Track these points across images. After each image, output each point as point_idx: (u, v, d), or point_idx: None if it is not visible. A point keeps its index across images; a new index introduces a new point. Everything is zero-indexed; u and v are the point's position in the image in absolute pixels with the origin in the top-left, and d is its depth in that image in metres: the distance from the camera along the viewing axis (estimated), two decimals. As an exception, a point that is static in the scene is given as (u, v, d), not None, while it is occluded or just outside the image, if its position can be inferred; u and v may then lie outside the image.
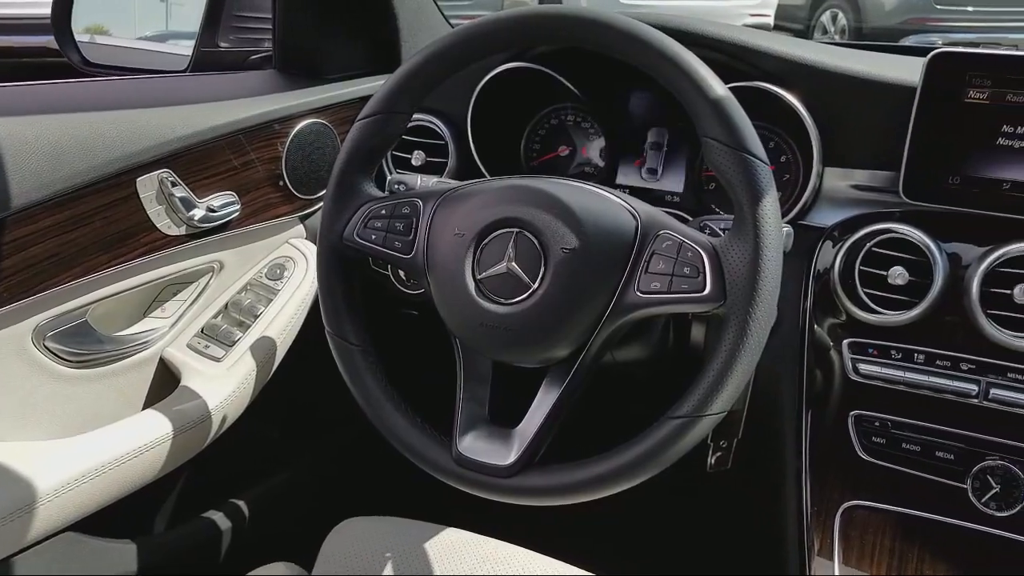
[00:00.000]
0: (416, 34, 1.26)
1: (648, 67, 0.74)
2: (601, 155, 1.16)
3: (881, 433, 0.90)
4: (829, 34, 6.06)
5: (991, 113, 0.87)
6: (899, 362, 0.90)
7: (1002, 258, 0.85)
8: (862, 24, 6.24)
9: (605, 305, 0.74)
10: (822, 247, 0.97)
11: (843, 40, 5.88)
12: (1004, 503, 0.84)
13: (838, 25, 6.22)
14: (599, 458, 0.74)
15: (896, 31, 5.82)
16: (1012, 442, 0.85)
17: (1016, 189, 0.87)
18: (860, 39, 6.03)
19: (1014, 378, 0.85)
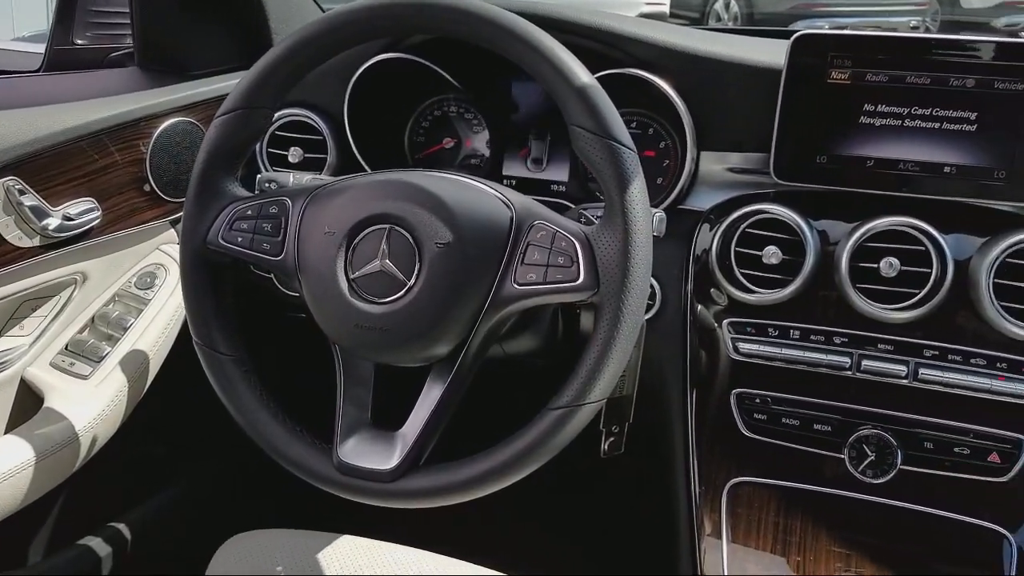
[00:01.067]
0: (289, 23, 1.21)
1: (513, 56, 0.73)
2: (487, 146, 1.14)
3: (762, 409, 0.92)
4: (723, 21, 6.23)
5: (853, 93, 0.90)
6: (776, 339, 0.92)
7: (868, 233, 0.88)
8: (753, 10, 6.45)
9: (483, 299, 0.73)
10: (700, 230, 0.98)
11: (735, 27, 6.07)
12: (879, 470, 0.87)
13: (731, 12, 6.40)
14: (482, 455, 0.73)
15: (785, 17, 6.04)
16: (883, 411, 0.88)
17: (880, 166, 0.90)
18: (752, 24, 6.23)
19: (883, 349, 0.88)
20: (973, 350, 0.86)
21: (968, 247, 0.88)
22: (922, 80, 0.87)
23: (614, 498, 1.46)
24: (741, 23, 6.14)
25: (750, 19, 6.26)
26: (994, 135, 0.86)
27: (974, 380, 0.85)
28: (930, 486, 0.87)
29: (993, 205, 0.89)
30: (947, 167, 0.88)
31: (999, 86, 0.85)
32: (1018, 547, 0.83)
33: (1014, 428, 0.85)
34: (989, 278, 0.85)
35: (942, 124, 0.88)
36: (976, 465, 0.85)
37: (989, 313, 0.85)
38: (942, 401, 0.87)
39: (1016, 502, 0.84)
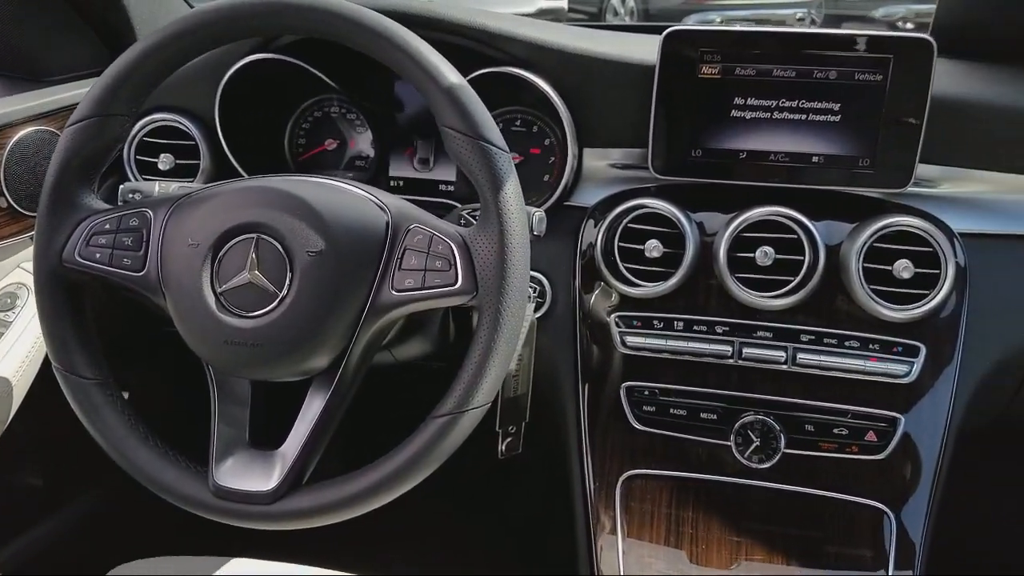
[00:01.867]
0: (154, 23, 1.15)
1: (380, 56, 0.71)
2: (371, 147, 1.11)
3: (651, 401, 0.93)
4: (620, 16, 6.34)
5: (724, 87, 0.91)
6: (661, 331, 0.93)
7: (744, 224, 0.90)
8: (648, 6, 6.58)
9: (360, 307, 0.71)
10: (585, 226, 0.98)
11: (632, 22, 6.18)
12: (764, 455, 0.89)
13: (627, 7, 6.50)
14: (366, 469, 0.71)
15: (678, 12, 6.19)
16: (766, 396, 0.91)
17: (752, 158, 0.93)
18: (648, 20, 6.36)
19: (762, 336, 0.91)
20: (847, 333, 0.90)
21: (838, 233, 0.92)
22: (788, 73, 0.90)
23: (517, 498, 1.46)
24: (637, 18, 6.26)
25: (645, 14, 6.39)
26: (857, 125, 0.90)
27: (848, 362, 0.89)
28: (813, 468, 0.90)
29: (860, 192, 0.93)
30: (815, 157, 0.91)
31: (859, 77, 0.88)
32: (897, 523, 0.87)
33: (888, 407, 0.89)
34: (859, 262, 0.88)
35: (808, 116, 0.90)
36: (854, 445, 0.89)
37: (860, 296, 0.88)
38: (820, 384, 0.90)
39: (893, 479, 0.88)
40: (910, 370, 0.88)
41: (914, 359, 0.88)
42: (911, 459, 0.88)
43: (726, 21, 5.82)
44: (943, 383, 0.89)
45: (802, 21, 5.46)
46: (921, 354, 0.88)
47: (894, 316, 0.88)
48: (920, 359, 0.88)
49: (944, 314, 0.89)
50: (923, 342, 0.89)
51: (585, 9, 6.45)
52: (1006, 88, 1.01)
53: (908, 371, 0.88)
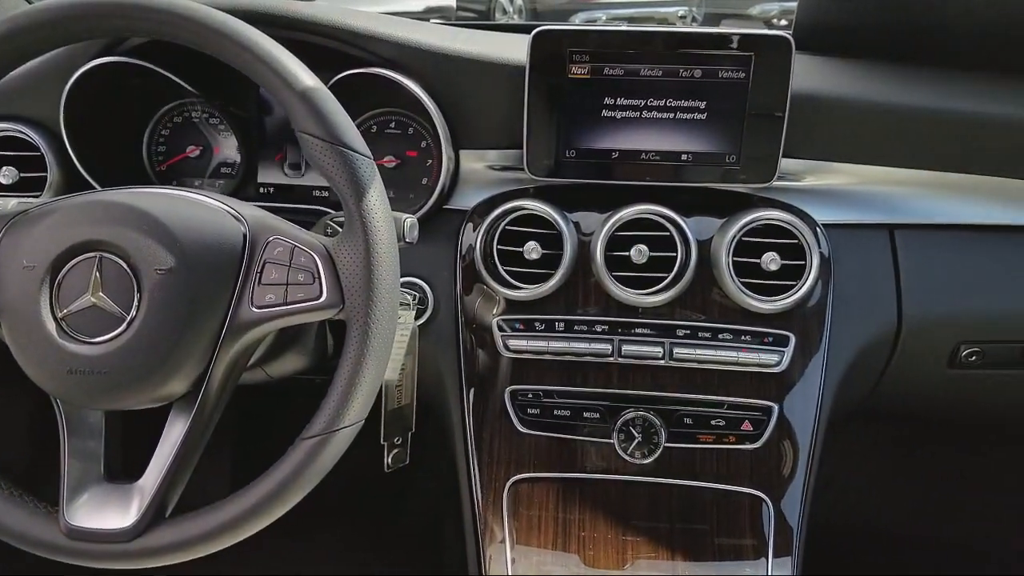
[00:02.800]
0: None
1: (228, 59, 0.67)
2: (237, 152, 1.06)
3: (535, 404, 0.93)
4: (508, 15, 6.34)
5: (593, 87, 0.91)
6: (543, 333, 0.92)
7: (619, 223, 0.91)
8: (535, 5, 6.62)
9: (218, 327, 0.67)
10: (465, 229, 0.97)
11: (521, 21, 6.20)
12: (647, 450, 0.90)
13: (515, 5, 6.52)
14: (233, 497, 0.67)
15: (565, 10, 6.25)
16: (646, 392, 0.92)
17: (624, 157, 0.93)
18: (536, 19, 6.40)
19: (640, 333, 0.92)
20: (720, 326, 0.92)
21: (709, 229, 0.94)
22: (655, 73, 0.91)
23: (411, 506, 1.43)
24: (525, 17, 6.29)
25: (534, 13, 6.43)
26: (723, 122, 0.91)
27: (722, 354, 0.90)
28: (693, 460, 0.91)
29: (729, 188, 0.95)
30: (684, 155, 0.93)
31: (723, 76, 0.90)
32: (775, 509, 0.90)
33: (762, 395, 0.91)
34: (728, 256, 0.90)
35: (677, 115, 0.92)
36: (731, 435, 0.91)
37: (731, 289, 0.90)
38: (697, 377, 0.92)
39: (769, 466, 0.91)
40: (781, 359, 0.90)
41: (784, 348, 0.91)
42: (785, 446, 0.91)
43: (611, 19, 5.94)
44: (812, 370, 0.92)
45: (684, 19, 5.61)
46: (791, 343, 0.91)
47: (763, 307, 0.90)
48: (790, 348, 0.91)
49: (811, 303, 0.92)
50: (792, 331, 0.91)
51: (474, 7, 6.44)
52: (863, 83, 1.06)
53: (779, 360, 0.90)
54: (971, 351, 0.99)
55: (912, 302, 0.97)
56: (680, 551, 0.90)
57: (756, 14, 5.92)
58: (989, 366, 1.01)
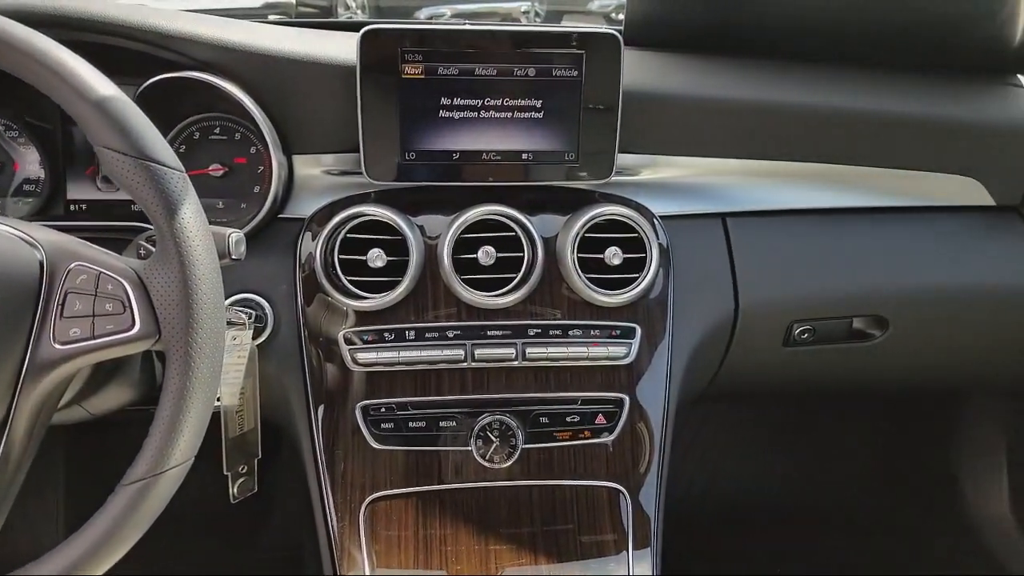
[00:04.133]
0: None
1: (8, 68, 0.59)
2: (40, 167, 0.96)
3: (389, 418, 0.90)
4: (351, 11, 6.18)
5: (429, 87, 0.89)
6: (393, 343, 0.89)
7: (464, 225, 0.89)
8: (379, 0, 6.49)
9: (15, 368, 0.59)
10: (303, 239, 0.92)
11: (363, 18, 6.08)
12: (505, 454, 0.89)
13: (359, 2, 6.37)
14: (49, 555, 0.60)
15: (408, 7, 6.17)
16: (501, 395, 0.91)
17: (465, 158, 0.91)
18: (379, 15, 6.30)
19: (493, 335, 0.90)
20: (570, 323, 0.92)
21: (554, 226, 0.94)
22: (490, 72, 0.89)
23: (269, 537, 1.36)
24: (369, 14, 6.18)
25: (377, 10, 6.32)
26: (560, 120, 0.92)
27: (573, 350, 0.91)
28: (552, 459, 0.91)
29: (570, 185, 0.95)
30: (525, 154, 0.92)
31: (557, 73, 0.90)
32: (632, 500, 0.91)
33: (613, 388, 0.93)
34: (573, 253, 0.91)
35: (514, 114, 0.91)
36: (587, 430, 0.91)
37: (578, 286, 0.91)
38: (551, 375, 0.92)
39: (625, 457, 0.92)
40: (629, 351, 0.92)
41: (631, 340, 0.92)
42: (638, 436, 0.93)
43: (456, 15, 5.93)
44: (659, 359, 0.94)
45: (527, 14, 5.70)
46: (637, 335, 0.93)
47: (609, 301, 0.91)
48: (636, 340, 0.92)
49: (653, 295, 0.95)
50: (638, 323, 0.93)
51: (316, 3, 6.24)
52: (692, 77, 1.09)
53: (627, 352, 0.92)
54: (803, 329, 1.05)
55: (746, 287, 1.01)
56: (544, 554, 0.89)
57: (595, 9, 6.09)
58: (820, 342, 1.07)
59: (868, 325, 1.07)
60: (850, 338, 1.08)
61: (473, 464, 0.89)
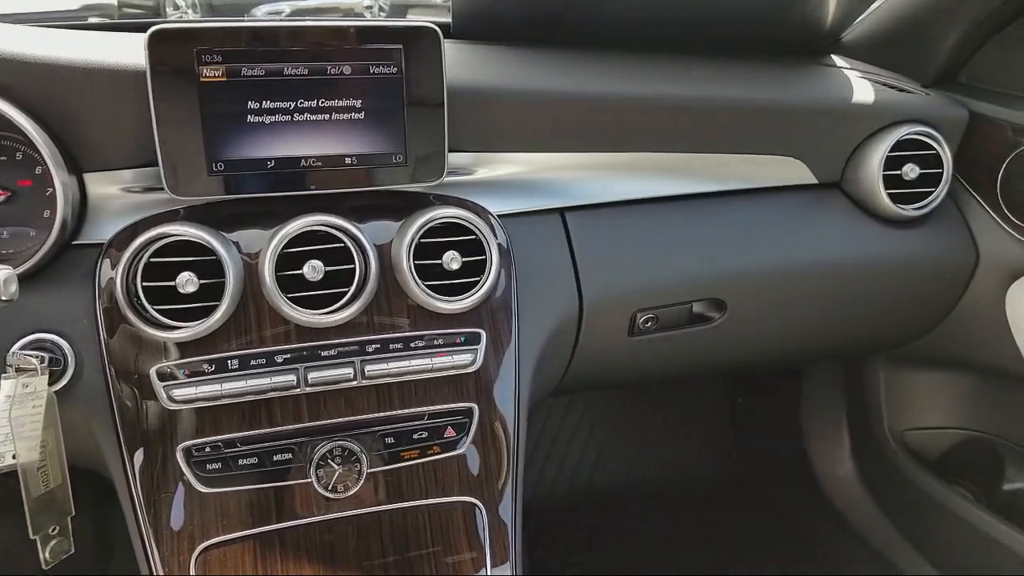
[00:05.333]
0: None
1: None
2: None
3: (216, 458, 0.81)
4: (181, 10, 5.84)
5: (233, 91, 0.81)
6: (215, 375, 0.81)
7: (286, 239, 0.82)
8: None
9: None
10: (102, 266, 0.82)
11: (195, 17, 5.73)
12: (349, 481, 0.83)
13: (188, 0, 6.02)
14: None
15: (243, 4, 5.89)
16: (342, 419, 0.85)
17: (282, 166, 0.84)
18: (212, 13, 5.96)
19: (327, 356, 0.84)
20: (412, 334, 0.87)
21: (387, 234, 0.88)
22: (300, 71, 0.83)
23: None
24: (201, 12, 5.84)
25: (209, 8, 5.99)
26: (383, 121, 0.86)
27: (416, 363, 0.86)
28: (401, 481, 0.86)
29: (402, 188, 0.90)
30: (348, 158, 0.86)
31: (375, 71, 0.85)
32: (489, 514, 0.87)
33: (461, 398, 0.88)
34: (409, 260, 0.86)
35: (332, 115, 0.85)
36: (436, 445, 0.87)
37: (417, 294, 0.86)
38: (394, 392, 0.86)
39: (477, 468, 0.88)
40: (475, 358, 0.88)
41: (477, 346, 0.89)
42: (490, 444, 0.89)
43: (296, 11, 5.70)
44: (507, 363, 0.91)
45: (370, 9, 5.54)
46: (483, 340, 0.89)
47: (451, 308, 0.87)
48: (482, 345, 0.89)
49: (497, 297, 0.91)
50: (483, 328, 0.90)
51: (142, 4, 5.83)
52: (523, 70, 1.07)
53: (473, 359, 0.88)
54: (647, 318, 1.05)
55: (589, 280, 1.00)
56: None
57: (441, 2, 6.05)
58: (663, 329, 1.08)
59: (707, 308, 1.09)
60: (691, 322, 1.09)
61: (315, 496, 0.83)
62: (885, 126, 1.12)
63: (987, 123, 1.17)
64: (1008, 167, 1.14)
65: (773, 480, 1.71)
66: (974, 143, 1.18)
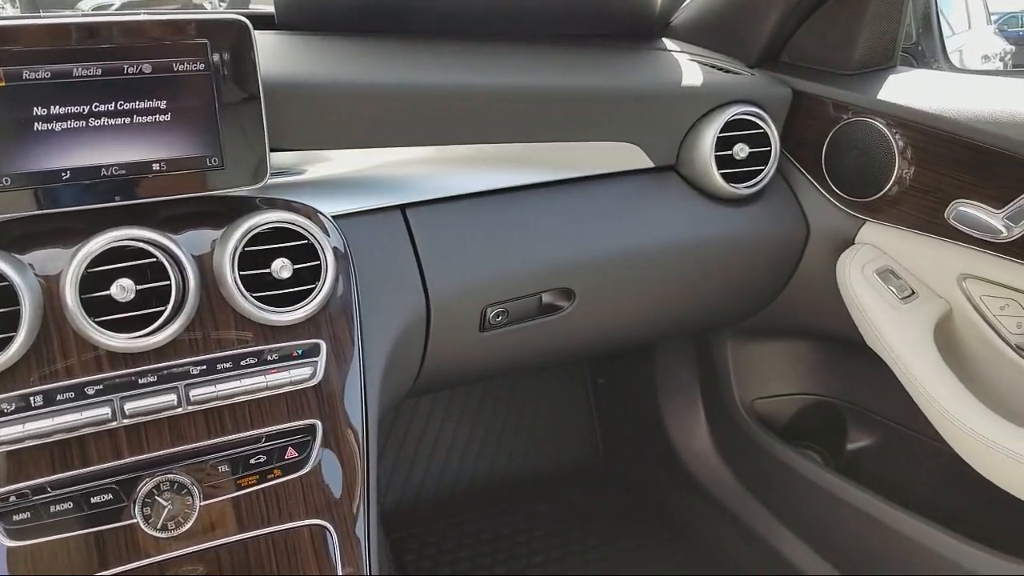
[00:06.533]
0: None
1: None
2: None
3: (23, 507, 0.72)
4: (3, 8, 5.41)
5: (15, 95, 0.72)
6: (16, 416, 0.72)
7: (89, 257, 0.74)
8: (39, -8, 5.70)
9: None
10: None
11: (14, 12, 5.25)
12: (181, 518, 0.76)
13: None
14: None
15: (69, 0, 5.48)
16: (167, 451, 0.77)
17: (79, 177, 0.76)
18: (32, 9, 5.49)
19: (146, 383, 0.77)
20: (242, 351, 0.81)
21: (208, 244, 0.82)
22: (93, 72, 0.74)
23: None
24: (23, 8, 5.35)
25: (31, 4, 5.53)
26: (194, 121, 0.79)
27: (249, 383, 0.80)
28: (241, 510, 0.80)
29: (222, 194, 0.83)
30: (156, 164, 0.79)
31: (180, 68, 0.78)
32: (340, 535, 0.82)
33: (303, 415, 0.83)
34: (234, 271, 0.80)
35: (135, 118, 0.77)
36: (276, 468, 0.81)
37: (244, 307, 0.80)
38: (226, 416, 0.80)
39: (325, 488, 0.83)
40: (314, 371, 0.83)
41: (316, 358, 0.83)
42: (337, 461, 0.84)
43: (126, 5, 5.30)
44: (352, 373, 0.86)
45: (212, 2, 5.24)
46: (323, 351, 0.84)
47: (285, 319, 0.82)
48: (322, 357, 0.84)
49: (336, 303, 0.86)
50: (322, 338, 0.85)
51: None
52: (351, 62, 1.02)
53: (313, 373, 0.83)
54: (497, 312, 1.03)
55: (435, 278, 0.97)
56: None
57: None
58: (515, 322, 1.06)
59: (557, 298, 1.09)
60: (542, 313, 1.08)
61: (143, 538, 0.75)
62: (714, 107, 1.15)
63: (810, 100, 1.22)
64: (831, 142, 1.19)
65: (637, 458, 1.75)
66: (799, 120, 1.24)
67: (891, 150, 1.12)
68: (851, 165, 1.17)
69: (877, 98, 1.14)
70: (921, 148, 1.09)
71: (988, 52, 2.69)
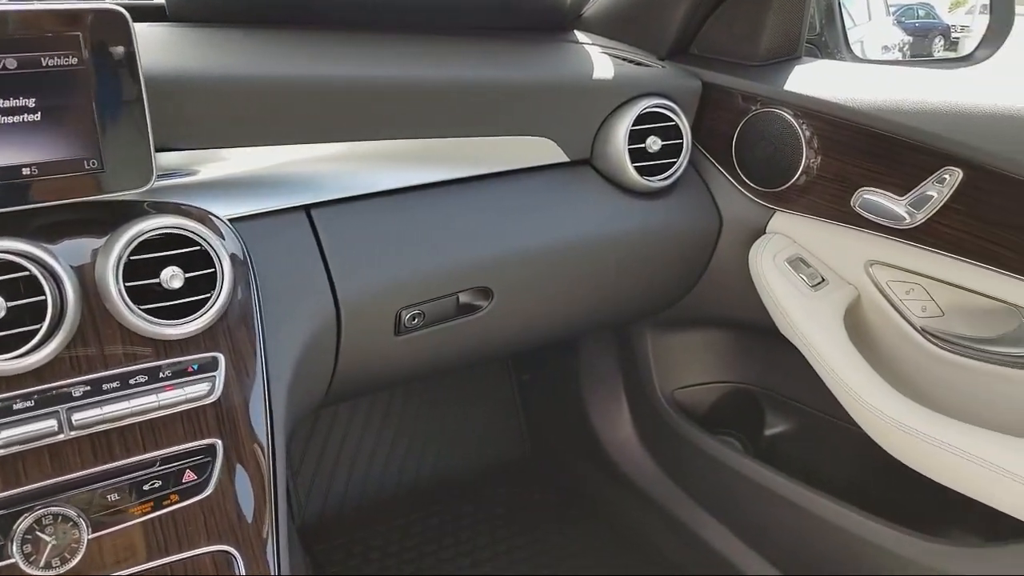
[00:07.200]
0: None
1: None
2: None
3: None
4: None
5: None
6: None
7: None
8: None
9: None
10: None
11: None
12: (67, 552, 0.70)
13: None
14: None
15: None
16: (47, 482, 0.70)
17: None
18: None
19: (22, 408, 0.69)
20: (130, 369, 0.75)
21: (87, 253, 0.75)
22: (-54, 67, 0.67)
23: None
24: None
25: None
26: (68, 121, 0.73)
27: (139, 402, 0.74)
28: (135, 541, 0.74)
29: (103, 199, 0.77)
30: (26, 168, 0.72)
31: (49, 63, 0.71)
32: (246, 559, 0.77)
33: (201, 435, 0.77)
34: (118, 283, 0.73)
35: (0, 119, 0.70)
36: (173, 493, 0.76)
37: (131, 321, 0.74)
38: (114, 440, 0.74)
39: (229, 511, 0.78)
40: (212, 387, 0.77)
41: (214, 373, 0.78)
42: (241, 481, 0.79)
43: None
44: (255, 387, 0.81)
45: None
46: (221, 365, 0.79)
47: (178, 332, 0.76)
48: (221, 371, 0.78)
49: (234, 313, 0.81)
50: (220, 351, 0.79)
51: None
52: (244, 55, 0.96)
53: (210, 388, 0.77)
54: (412, 314, 1.00)
55: (344, 281, 0.92)
56: None
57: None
58: (431, 323, 1.03)
59: (474, 297, 1.06)
60: (460, 313, 1.05)
61: None
62: (627, 100, 1.14)
63: (719, 92, 1.22)
64: (740, 133, 1.20)
65: (564, 452, 1.74)
66: (709, 112, 1.24)
67: (798, 140, 1.13)
68: (760, 156, 1.18)
69: (784, 88, 1.15)
70: (827, 137, 1.10)
71: (888, 43, 2.80)
